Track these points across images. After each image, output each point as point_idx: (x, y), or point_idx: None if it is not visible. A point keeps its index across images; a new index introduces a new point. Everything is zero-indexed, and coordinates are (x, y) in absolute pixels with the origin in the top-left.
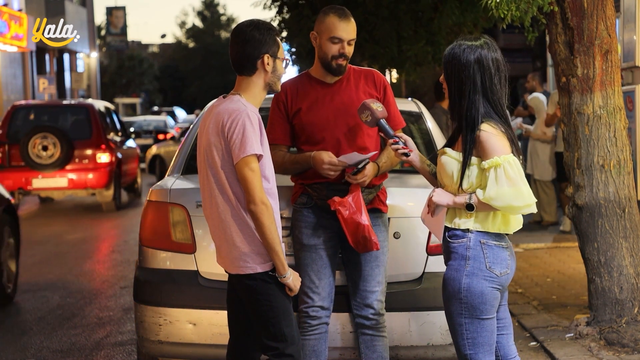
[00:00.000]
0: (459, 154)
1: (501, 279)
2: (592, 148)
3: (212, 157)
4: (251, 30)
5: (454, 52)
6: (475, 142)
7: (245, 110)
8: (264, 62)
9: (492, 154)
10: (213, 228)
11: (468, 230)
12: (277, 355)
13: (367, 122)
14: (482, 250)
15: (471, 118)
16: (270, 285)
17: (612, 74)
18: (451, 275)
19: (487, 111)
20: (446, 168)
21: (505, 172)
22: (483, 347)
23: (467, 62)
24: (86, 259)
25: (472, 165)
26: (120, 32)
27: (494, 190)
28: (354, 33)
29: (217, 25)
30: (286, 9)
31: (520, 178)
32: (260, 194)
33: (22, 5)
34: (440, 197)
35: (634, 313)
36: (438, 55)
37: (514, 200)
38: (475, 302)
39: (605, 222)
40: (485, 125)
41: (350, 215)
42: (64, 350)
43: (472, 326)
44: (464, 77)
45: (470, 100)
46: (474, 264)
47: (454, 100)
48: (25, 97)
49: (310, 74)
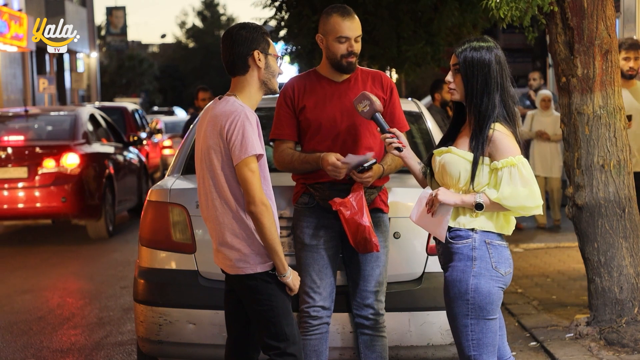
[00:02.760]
0: (467, 153)
1: (506, 278)
2: (592, 148)
3: (210, 159)
4: (238, 30)
5: (475, 52)
6: (488, 142)
7: (243, 111)
8: (254, 59)
9: (506, 154)
10: (211, 230)
11: (473, 230)
12: (279, 355)
13: (363, 113)
14: (487, 250)
15: (488, 117)
16: (270, 285)
17: (612, 74)
18: (457, 276)
19: (500, 110)
20: (451, 167)
21: (519, 172)
22: (487, 348)
23: (490, 62)
24: (86, 259)
25: (482, 165)
26: (120, 32)
27: (508, 190)
28: (359, 29)
29: (217, 25)
30: (285, 8)
31: (532, 179)
32: (260, 195)
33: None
34: (446, 196)
35: (634, 313)
36: (437, 56)
37: (527, 201)
38: (482, 303)
39: (605, 222)
40: (498, 125)
41: (352, 216)
42: (64, 350)
43: (478, 327)
44: (488, 76)
45: (492, 99)
46: (480, 264)
47: (473, 99)
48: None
49: (318, 72)
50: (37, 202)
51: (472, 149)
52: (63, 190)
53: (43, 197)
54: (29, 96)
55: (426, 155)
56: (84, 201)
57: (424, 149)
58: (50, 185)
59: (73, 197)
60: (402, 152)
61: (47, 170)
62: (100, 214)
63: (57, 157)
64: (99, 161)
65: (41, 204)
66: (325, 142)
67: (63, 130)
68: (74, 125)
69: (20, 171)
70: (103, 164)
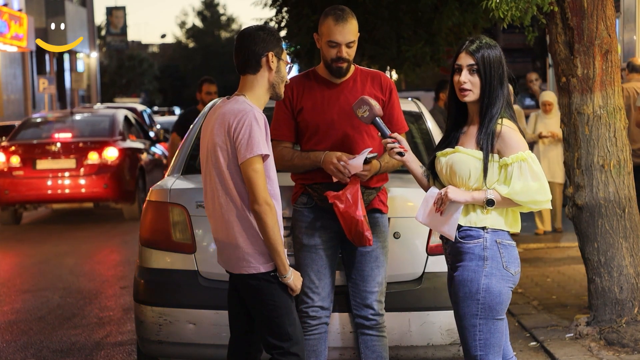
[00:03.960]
0: (475, 151)
1: (515, 278)
2: (592, 148)
3: (216, 157)
4: (256, 30)
5: (491, 50)
6: (497, 138)
7: (251, 111)
8: (268, 60)
9: (515, 149)
10: (215, 228)
11: (484, 228)
12: (282, 354)
13: (363, 118)
14: (498, 250)
15: (498, 113)
16: (273, 285)
17: (612, 74)
18: (468, 276)
19: (505, 105)
20: (460, 166)
21: (529, 166)
22: (494, 348)
23: (501, 58)
24: (86, 259)
25: (492, 162)
26: (120, 32)
27: (519, 185)
28: (351, 35)
29: (217, 25)
30: (286, 8)
31: (542, 173)
32: (264, 195)
33: (22, 5)
34: (456, 194)
35: (634, 313)
36: (437, 56)
37: (538, 195)
38: (493, 303)
39: (605, 222)
40: (505, 121)
41: (346, 209)
42: (64, 350)
43: (486, 327)
44: (502, 73)
45: (503, 96)
46: (492, 264)
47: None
48: (25, 97)
49: (316, 72)
50: (82, 188)
51: (480, 147)
52: (105, 178)
53: (88, 184)
54: (29, 96)
55: (427, 157)
56: (121, 187)
57: (424, 149)
58: (94, 174)
59: (113, 184)
60: (404, 157)
61: (92, 162)
62: (134, 198)
63: (100, 151)
64: (133, 154)
65: (86, 190)
66: (323, 143)
67: (103, 129)
68: (112, 124)
69: (70, 162)
70: (136, 156)
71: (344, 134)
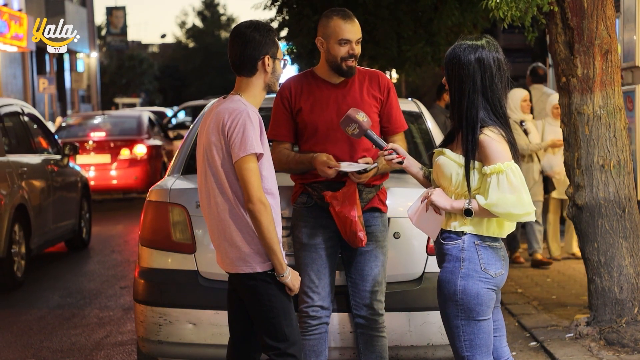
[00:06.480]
0: (459, 156)
1: (496, 280)
2: (592, 148)
3: (211, 156)
4: (251, 31)
5: (455, 52)
6: (477, 146)
7: (246, 110)
8: (264, 63)
9: (494, 160)
10: (212, 228)
11: (463, 232)
12: (279, 355)
13: (353, 135)
14: (476, 252)
15: (471, 118)
16: (270, 285)
17: (612, 74)
18: (446, 277)
19: (487, 112)
20: (444, 169)
21: (507, 178)
22: (481, 349)
23: (468, 62)
24: (86, 259)
25: (473, 170)
26: (120, 32)
27: (495, 197)
28: (359, 32)
29: (217, 25)
30: (286, 9)
31: (522, 185)
32: (258, 193)
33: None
34: (439, 198)
35: (634, 313)
36: (437, 56)
37: (514, 208)
38: (471, 304)
39: (605, 222)
40: (487, 130)
41: (341, 209)
42: (64, 350)
43: (469, 328)
44: (464, 76)
45: (470, 100)
46: (468, 266)
47: (454, 100)
48: (25, 97)
49: (315, 73)
50: (115, 179)
51: (463, 153)
52: (135, 172)
53: (120, 176)
54: (29, 96)
55: (427, 155)
56: (149, 179)
57: (424, 149)
58: (126, 167)
59: (142, 177)
60: (405, 164)
61: (123, 157)
62: None
63: (131, 147)
64: (157, 151)
65: (118, 182)
66: (322, 144)
67: (132, 128)
68: (140, 124)
69: (105, 157)
70: (160, 152)
71: (342, 135)
